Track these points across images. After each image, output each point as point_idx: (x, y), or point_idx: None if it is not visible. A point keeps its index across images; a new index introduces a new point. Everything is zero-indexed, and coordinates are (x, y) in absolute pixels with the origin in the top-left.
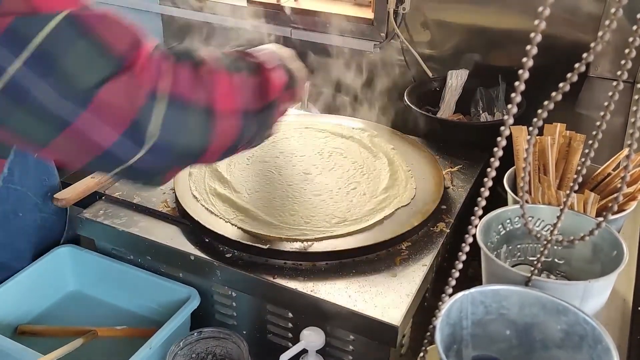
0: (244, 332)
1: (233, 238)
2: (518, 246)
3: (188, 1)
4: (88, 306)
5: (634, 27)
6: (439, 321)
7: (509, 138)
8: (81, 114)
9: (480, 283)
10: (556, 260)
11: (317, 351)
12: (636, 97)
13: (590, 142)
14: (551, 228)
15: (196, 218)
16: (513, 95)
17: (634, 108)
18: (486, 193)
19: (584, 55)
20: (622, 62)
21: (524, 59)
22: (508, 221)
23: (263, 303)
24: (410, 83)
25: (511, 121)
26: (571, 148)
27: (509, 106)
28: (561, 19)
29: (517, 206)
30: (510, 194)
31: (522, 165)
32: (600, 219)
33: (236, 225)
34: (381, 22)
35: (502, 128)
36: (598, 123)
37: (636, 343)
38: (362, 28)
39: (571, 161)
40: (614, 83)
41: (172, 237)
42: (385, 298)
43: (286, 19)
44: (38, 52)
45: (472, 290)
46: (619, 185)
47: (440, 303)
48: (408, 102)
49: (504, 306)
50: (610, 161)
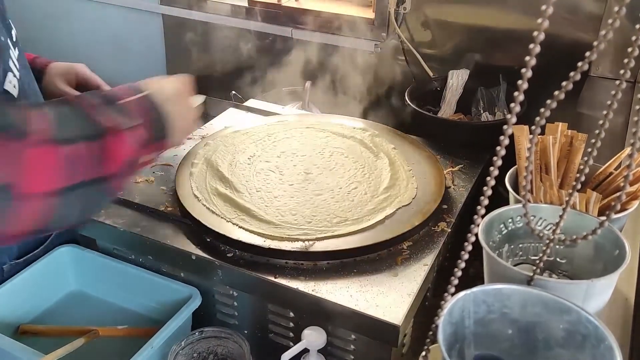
0: (246, 332)
1: (234, 238)
2: (520, 245)
3: (188, 1)
4: (89, 306)
5: (637, 26)
6: (442, 320)
7: (511, 137)
8: None
9: (481, 282)
10: (558, 259)
11: (319, 350)
12: (638, 96)
13: (593, 141)
14: (553, 227)
15: (197, 218)
16: (516, 94)
17: (637, 107)
18: (489, 192)
19: (587, 53)
20: (625, 61)
21: (527, 58)
22: (510, 220)
23: (264, 302)
24: (411, 83)
25: (514, 120)
26: (573, 147)
27: (512, 105)
28: (561, 18)
29: (519, 205)
30: (512, 193)
31: (525, 164)
32: (602, 218)
33: (237, 224)
34: (382, 22)
35: (505, 127)
36: (601, 122)
37: (638, 342)
38: (363, 28)
39: (573, 160)
40: (617, 82)
41: (174, 237)
42: (386, 297)
43: (287, 19)
44: None
45: (475, 289)
46: (622, 184)
47: (442, 302)
48: (409, 102)
49: (506, 305)
50: (612, 160)
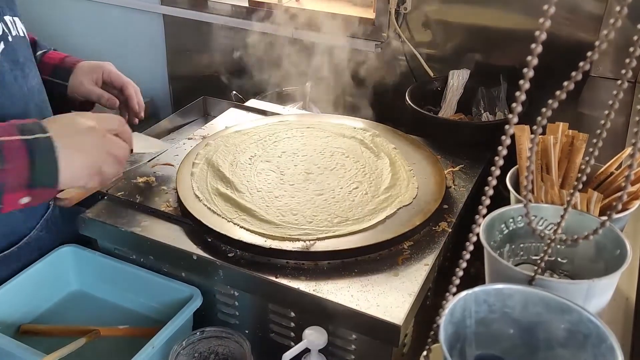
0: (247, 332)
1: (235, 237)
2: (521, 245)
3: (189, 1)
4: (91, 306)
5: (639, 26)
6: (443, 320)
7: (512, 138)
8: None
9: (482, 282)
10: (559, 259)
11: (320, 350)
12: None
13: (594, 141)
14: (554, 227)
15: (199, 218)
16: (518, 94)
17: (638, 107)
18: (490, 192)
19: (589, 53)
20: (627, 61)
21: (529, 58)
22: (511, 220)
23: (265, 302)
24: (411, 83)
25: (516, 120)
26: (574, 147)
27: (514, 105)
28: (562, 18)
29: (520, 205)
30: (512, 193)
31: (526, 164)
32: (604, 218)
33: (238, 224)
34: (382, 22)
35: (507, 127)
36: (602, 122)
37: None
38: (364, 28)
39: (574, 160)
40: (618, 82)
41: (175, 237)
42: (387, 297)
43: (287, 19)
44: None
45: (476, 289)
46: (623, 184)
47: (443, 302)
48: (409, 102)
49: (508, 305)
50: (613, 160)
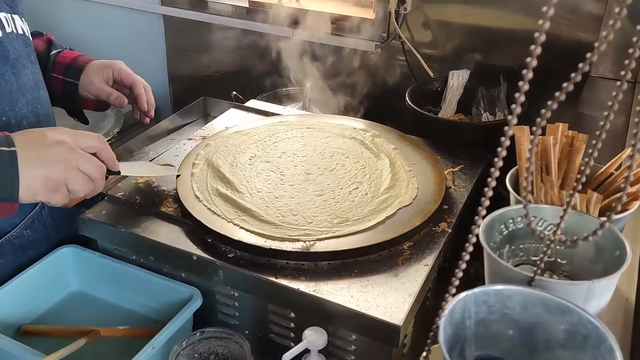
0: (246, 332)
1: (235, 238)
2: (521, 246)
3: (189, 2)
4: (91, 306)
5: (638, 27)
6: (442, 321)
7: (512, 138)
8: None
9: (482, 282)
10: (559, 260)
11: (320, 351)
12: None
13: (593, 142)
14: (554, 228)
15: (198, 218)
16: (517, 95)
17: (637, 108)
18: (490, 193)
19: (588, 54)
20: (626, 62)
21: (528, 59)
22: (511, 221)
23: (265, 303)
24: (411, 83)
25: (515, 121)
26: (573, 148)
27: (513, 106)
28: (562, 19)
29: (520, 206)
30: (512, 194)
31: (525, 165)
32: (603, 219)
33: (238, 225)
34: (382, 23)
35: (506, 128)
36: (602, 123)
37: (639, 342)
38: (364, 28)
39: (573, 161)
40: (618, 83)
41: (175, 238)
42: (387, 298)
43: (287, 19)
44: None
45: (476, 290)
46: (623, 185)
47: (443, 303)
48: (409, 102)
49: (507, 306)
50: (612, 161)
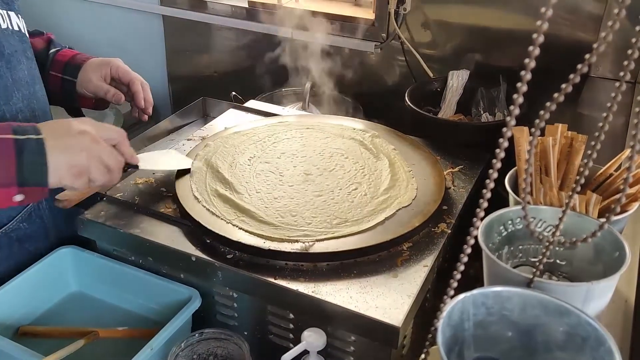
0: (245, 333)
1: (234, 239)
2: (520, 247)
3: (189, 2)
4: (89, 307)
5: (637, 28)
6: (441, 323)
7: (511, 139)
8: None
9: (481, 283)
10: (558, 261)
11: (319, 352)
12: (638, 98)
13: (592, 144)
14: (553, 229)
15: (197, 219)
16: (515, 96)
17: (637, 109)
18: (488, 194)
19: (587, 56)
20: (625, 63)
21: (526, 60)
22: (510, 222)
23: (264, 304)
24: (411, 83)
25: (513, 122)
26: (573, 149)
27: (511, 107)
28: (562, 19)
29: (519, 207)
30: (511, 195)
31: (524, 166)
32: (602, 220)
33: (237, 226)
34: (382, 23)
35: (504, 129)
36: (600, 124)
37: (638, 344)
38: (363, 28)
39: (573, 162)
40: (617, 84)
41: (173, 238)
42: (386, 299)
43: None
44: None
45: (474, 291)
46: (622, 186)
47: (441, 304)
48: (409, 103)
49: (506, 308)
50: (612, 162)
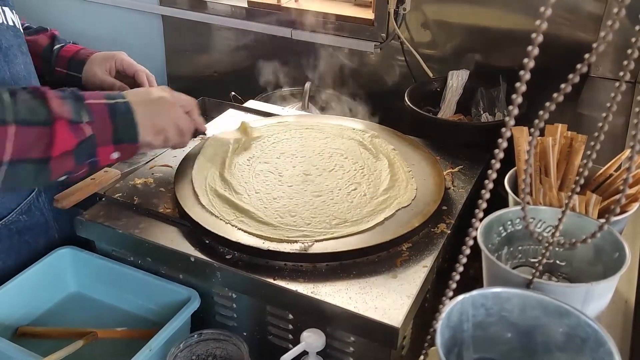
0: (244, 334)
1: (233, 239)
2: (519, 248)
3: (188, 2)
4: (88, 308)
5: (636, 28)
6: (440, 324)
7: (510, 139)
8: None
9: (481, 284)
10: (558, 261)
11: (318, 353)
12: (638, 98)
13: (592, 144)
14: (552, 230)
15: (196, 219)
16: (514, 96)
17: (637, 109)
18: (487, 195)
19: (586, 55)
20: (625, 63)
21: (525, 60)
22: (509, 223)
23: (263, 304)
24: (410, 83)
25: (512, 122)
26: (573, 149)
27: (510, 107)
28: (562, 19)
29: (519, 208)
30: (511, 195)
31: (523, 166)
32: (602, 221)
33: (236, 226)
34: (382, 23)
35: (503, 129)
36: (600, 124)
37: (638, 345)
38: (363, 28)
39: (573, 162)
40: (616, 84)
41: (172, 239)
42: (385, 300)
43: (286, 20)
44: None
45: (473, 292)
46: (621, 187)
47: (440, 306)
48: (409, 103)
49: (505, 309)
50: (612, 162)
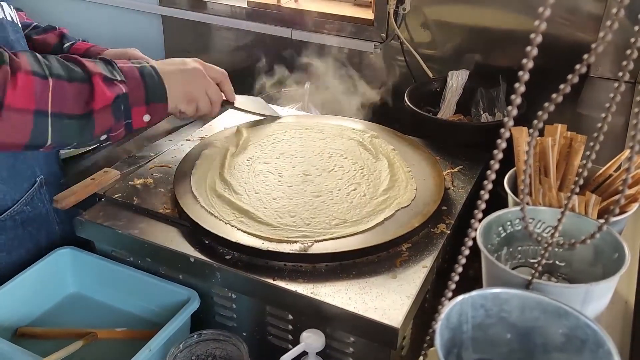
0: (244, 334)
1: (233, 240)
2: (519, 248)
3: (188, 2)
4: (88, 308)
5: (636, 28)
6: (439, 325)
7: (509, 140)
8: None
9: (481, 284)
10: (557, 262)
11: (317, 353)
12: (637, 99)
13: (591, 144)
14: (552, 230)
15: (196, 220)
16: (513, 97)
17: (635, 109)
18: (486, 196)
19: (585, 56)
20: (624, 64)
21: (524, 60)
22: (509, 223)
23: (263, 305)
24: (410, 83)
25: (511, 123)
26: (572, 149)
27: (509, 108)
28: (562, 19)
29: (518, 208)
30: (510, 196)
31: (523, 167)
32: (601, 221)
33: (236, 226)
34: (381, 23)
35: (502, 130)
36: (599, 125)
37: (638, 346)
38: (362, 29)
39: (572, 162)
40: (615, 84)
41: (172, 239)
42: (385, 300)
43: (286, 20)
44: None
45: (472, 293)
46: (621, 187)
47: (439, 307)
48: (408, 103)
49: (505, 309)
50: (611, 162)
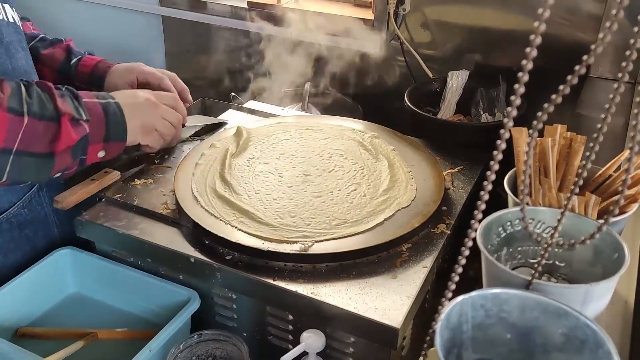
0: (244, 334)
1: (233, 240)
2: (519, 249)
3: (188, 2)
4: (88, 308)
5: (635, 29)
6: (439, 325)
7: (509, 140)
8: None
9: (481, 284)
10: (557, 262)
11: (318, 353)
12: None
13: (591, 145)
14: (552, 231)
15: (196, 220)
16: (512, 98)
17: (635, 110)
18: (485, 196)
19: (584, 57)
20: (623, 64)
21: (524, 61)
22: (508, 223)
23: (263, 305)
24: (410, 84)
25: (511, 124)
26: (572, 149)
27: (509, 109)
28: (561, 19)
29: (518, 208)
30: (510, 196)
31: (523, 167)
32: (601, 222)
33: (236, 227)
34: (381, 23)
35: (502, 131)
36: (599, 125)
37: (638, 346)
38: (363, 29)
39: (572, 163)
40: (615, 85)
41: (172, 239)
42: (385, 300)
43: (286, 20)
44: None
45: (472, 293)
46: (620, 188)
47: (439, 307)
48: (408, 103)
49: (505, 310)
50: (611, 163)
